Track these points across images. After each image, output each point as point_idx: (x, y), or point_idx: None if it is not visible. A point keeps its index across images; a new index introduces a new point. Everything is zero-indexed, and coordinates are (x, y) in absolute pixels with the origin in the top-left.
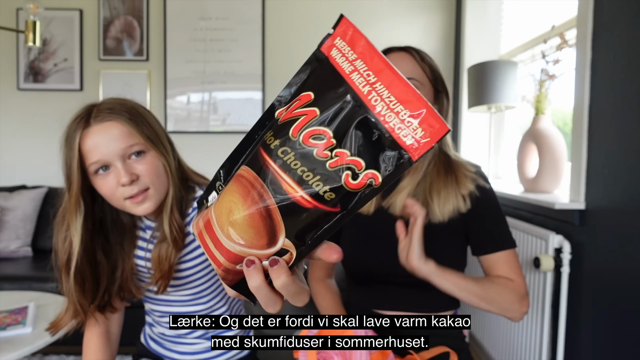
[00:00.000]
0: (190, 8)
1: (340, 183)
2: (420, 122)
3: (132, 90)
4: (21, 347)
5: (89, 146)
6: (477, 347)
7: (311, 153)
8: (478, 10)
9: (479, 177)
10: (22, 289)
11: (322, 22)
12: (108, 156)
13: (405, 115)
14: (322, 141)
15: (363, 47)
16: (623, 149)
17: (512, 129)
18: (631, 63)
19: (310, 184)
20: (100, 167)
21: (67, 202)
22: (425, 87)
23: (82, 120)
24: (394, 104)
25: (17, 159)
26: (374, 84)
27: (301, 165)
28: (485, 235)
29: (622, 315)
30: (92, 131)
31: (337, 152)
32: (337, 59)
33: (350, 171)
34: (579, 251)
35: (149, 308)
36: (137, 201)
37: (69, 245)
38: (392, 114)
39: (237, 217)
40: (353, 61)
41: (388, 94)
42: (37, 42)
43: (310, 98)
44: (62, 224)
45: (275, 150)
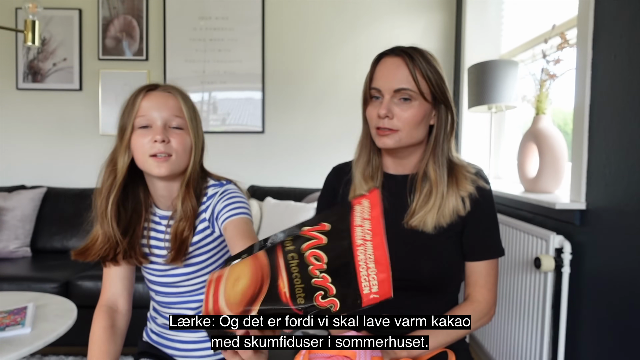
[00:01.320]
0: (190, 7)
1: (312, 301)
2: (379, 282)
3: (132, 90)
4: (20, 348)
5: (146, 105)
6: (477, 347)
7: (307, 267)
8: (478, 9)
9: (480, 178)
10: (21, 290)
11: (322, 22)
12: (155, 117)
13: (373, 272)
14: (318, 263)
15: (375, 214)
16: (624, 148)
17: (512, 129)
18: (632, 62)
19: (296, 288)
20: (145, 125)
21: (119, 146)
22: (418, 98)
23: (149, 86)
24: (370, 261)
25: (16, 159)
26: (367, 241)
27: (297, 272)
28: (477, 241)
29: (623, 315)
30: (153, 95)
31: (324, 275)
32: (356, 212)
33: (324, 292)
34: (579, 251)
35: (154, 295)
36: (159, 161)
37: (112, 179)
38: (365, 266)
39: (239, 283)
40: (364, 219)
41: (371, 252)
42: (36, 41)
43: (326, 228)
44: (109, 164)
45: (287, 252)
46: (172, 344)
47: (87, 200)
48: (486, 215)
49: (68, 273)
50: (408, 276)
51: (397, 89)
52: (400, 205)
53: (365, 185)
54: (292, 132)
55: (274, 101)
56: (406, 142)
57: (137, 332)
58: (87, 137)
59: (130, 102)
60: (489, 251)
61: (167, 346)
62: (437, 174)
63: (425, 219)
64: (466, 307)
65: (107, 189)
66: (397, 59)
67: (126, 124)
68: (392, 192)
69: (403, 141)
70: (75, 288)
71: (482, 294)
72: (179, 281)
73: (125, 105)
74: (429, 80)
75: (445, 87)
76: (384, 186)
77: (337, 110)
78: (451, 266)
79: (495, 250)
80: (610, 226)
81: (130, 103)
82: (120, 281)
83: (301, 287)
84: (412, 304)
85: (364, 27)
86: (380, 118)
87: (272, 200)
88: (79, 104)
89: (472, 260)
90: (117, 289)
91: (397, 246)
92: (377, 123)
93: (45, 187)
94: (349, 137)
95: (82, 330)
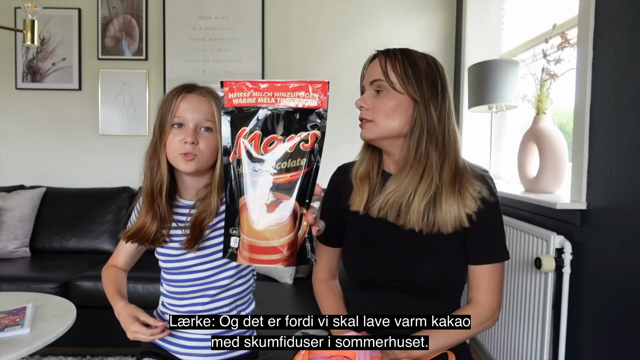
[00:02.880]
0: (190, 7)
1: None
2: (313, 91)
3: (131, 90)
4: (19, 349)
5: (182, 106)
6: (477, 347)
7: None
8: (479, 9)
9: (484, 188)
10: (20, 290)
11: (322, 22)
12: (189, 119)
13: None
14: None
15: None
16: (625, 148)
17: (513, 129)
18: (633, 62)
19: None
20: (178, 124)
21: (158, 141)
22: (387, 88)
23: (187, 88)
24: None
25: (15, 159)
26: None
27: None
28: (481, 245)
29: (624, 315)
30: (190, 97)
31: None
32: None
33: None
34: (580, 251)
35: (168, 287)
36: (186, 159)
37: (161, 175)
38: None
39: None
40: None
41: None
42: (35, 41)
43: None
44: (153, 157)
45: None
46: (178, 340)
47: (87, 201)
48: (491, 221)
49: (67, 273)
50: (408, 278)
51: (371, 81)
52: None
53: (359, 185)
54: None
55: None
56: (384, 133)
57: None
58: (86, 137)
59: (168, 100)
60: (493, 255)
61: (173, 343)
62: (403, 156)
63: (375, 204)
64: (468, 310)
65: (158, 180)
66: (380, 57)
67: (164, 121)
68: None
69: (379, 131)
70: (75, 288)
71: (485, 298)
72: (192, 265)
73: (163, 102)
74: (398, 72)
75: (422, 83)
76: (382, 184)
77: (338, 110)
78: (453, 269)
79: (500, 254)
80: (611, 226)
81: (168, 101)
82: (133, 257)
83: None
84: (412, 306)
85: (363, 27)
86: (358, 108)
87: None
88: (78, 103)
89: (475, 264)
90: (127, 261)
91: (397, 246)
92: (360, 115)
93: (44, 187)
94: (350, 137)
95: (82, 331)
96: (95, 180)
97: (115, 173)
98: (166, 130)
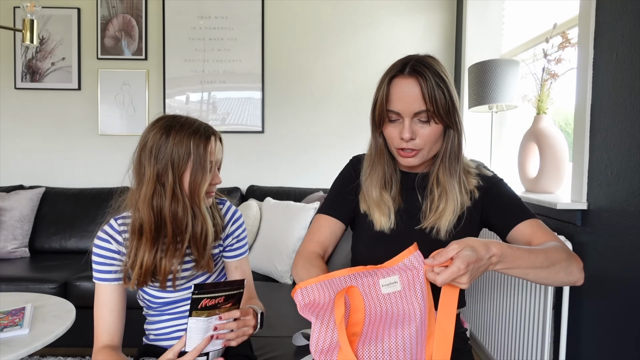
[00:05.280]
0: (189, 7)
1: None
2: None
3: (131, 90)
4: (18, 349)
5: (211, 148)
6: (477, 347)
7: None
8: (479, 8)
9: (482, 168)
10: (19, 290)
11: (322, 21)
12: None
13: None
14: None
15: None
16: (625, 148)
17: (513, 129)
18: (634, 62)
19: None
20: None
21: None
22: (433, 117)
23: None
24: None
25: (14, 159)
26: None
27: None
28: (507, 210)
29: (624, 315)
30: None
31: None
32: None
33: None
34: (581, 251)
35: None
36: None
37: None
38: None
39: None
40: None
41: None
42: (34, 40)
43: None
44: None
45: None
46: (177, 338)
47: (86, 201)
48: (501, 192)
49: (66, 274)
50: None
51: (417, 112)
52: (414, 201)
53: (382, 196)
54: (292, 131)
55: (273, 101)
56: (428, 157)
57: (135, 332)
58: (85, 137)
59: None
60: (523, 213)
61: (173, 338)
62: (446, 180)
63: (438, 225)
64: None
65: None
66: (411, 80)
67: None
68: (408, 187)
69: (425, 157)
70: (74, 289)
71: (552, 239)
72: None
73: (194, 143)
74: (441, 103)
75: (452, 105)
76: (402, 183)
77: (338, 109)
78: None
79: (529, 213)
80: (611, 226)
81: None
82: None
83: None
84: None
85: (364, 27)
86: (404, 141)
87: (272, 201)
88: (77, 103)
89: (515, 225)
90: (117, 326)
91: (413, 240)
92: (399, 144)
93: (43, 187)
94: (350, 136)
95: (81, 332)
96: (95, 180)
97: (115, 173)
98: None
